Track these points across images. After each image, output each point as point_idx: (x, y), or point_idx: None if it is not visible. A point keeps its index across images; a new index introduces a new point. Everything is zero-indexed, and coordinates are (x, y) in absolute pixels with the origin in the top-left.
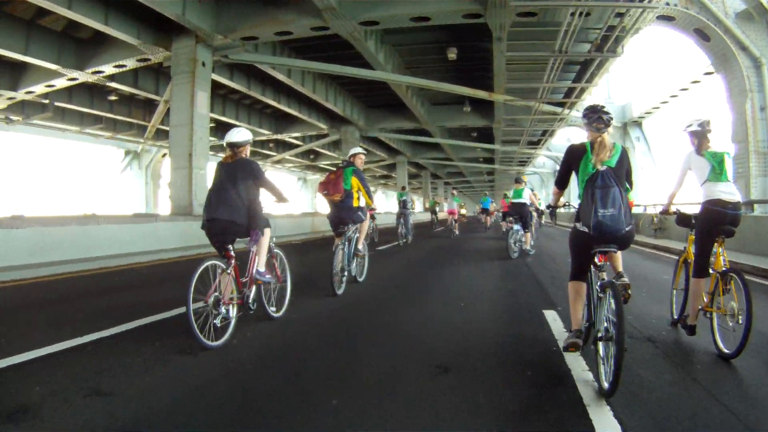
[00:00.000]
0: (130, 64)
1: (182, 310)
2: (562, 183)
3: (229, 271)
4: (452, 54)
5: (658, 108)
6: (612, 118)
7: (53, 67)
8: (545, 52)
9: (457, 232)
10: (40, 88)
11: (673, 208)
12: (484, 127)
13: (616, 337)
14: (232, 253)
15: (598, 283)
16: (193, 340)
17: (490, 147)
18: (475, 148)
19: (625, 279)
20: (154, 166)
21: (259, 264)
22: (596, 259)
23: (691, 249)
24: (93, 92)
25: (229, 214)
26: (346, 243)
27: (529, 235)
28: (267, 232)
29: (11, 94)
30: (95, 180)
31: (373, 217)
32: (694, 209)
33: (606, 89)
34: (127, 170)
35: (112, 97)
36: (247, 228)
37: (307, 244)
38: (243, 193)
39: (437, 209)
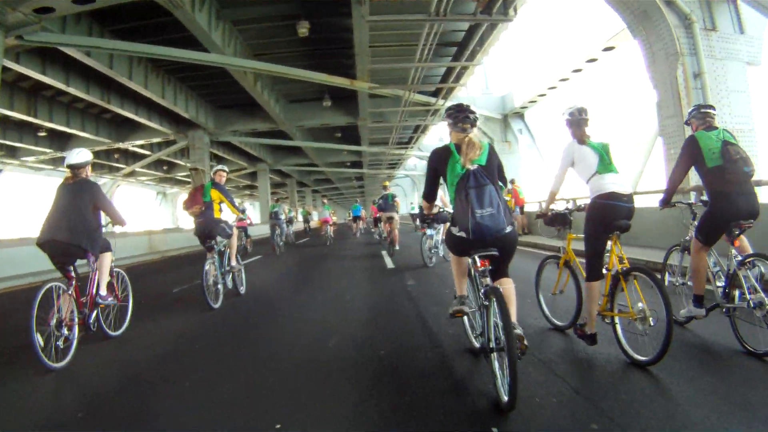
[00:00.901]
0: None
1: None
2: (431, 193)
3: (69, 292)
4: (303, 29)
5: (544, 95)
6: (477, 117)
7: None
8: (419, 15)
9: (332, 238)
10: None
11: (555, 207)
12: (348, 126)
13: (506, 345)
14: (73, 274)
15: (482, 290)
16: (38, 362)
17: (356, 149)
18: (341, 150)
19: (518, 331)
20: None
21: (100, 287)
22: (477, 264)
23: (571, 249)
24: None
25: (68, 235)
26: (217, 256)
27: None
28: (108, 256)
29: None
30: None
31: (246, 232)
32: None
33: (483, 79)
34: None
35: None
36: (85, 250)
37: (172, 260)
38: (82, 215)
39: (309, 218)
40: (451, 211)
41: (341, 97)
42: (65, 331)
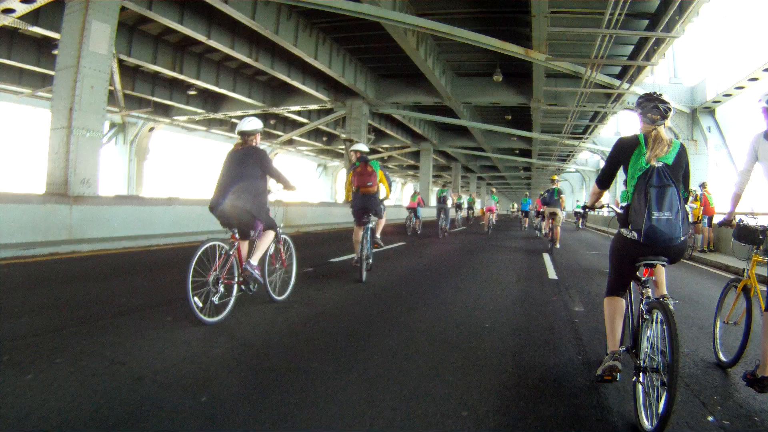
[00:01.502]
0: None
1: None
2: (605, 180)
3: (231, 253)
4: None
5: (742, 88)
6: (670, 109)
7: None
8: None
9: (493, 226)
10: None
11: (737, 218)
12: (519, 107)
13: (668, 368)
14: (238, 236)
15: (644, 302)
16: (192, 315)
17: (526, 134)
18: (510, 135)
19: (671, 302)
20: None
21: (253, 257)
22: (641, 273)
23: (755, 273)
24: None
25: (237, 200)
26: (368, 231)
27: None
28: (270, 234)
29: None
30: None
31: (416, 213)
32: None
33: (671, 66)
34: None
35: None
36: (253, 215)
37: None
38: (250, 181)
39: (473, 206)
40: (618, 210)
41: (514, 74)
42: (221, 289)
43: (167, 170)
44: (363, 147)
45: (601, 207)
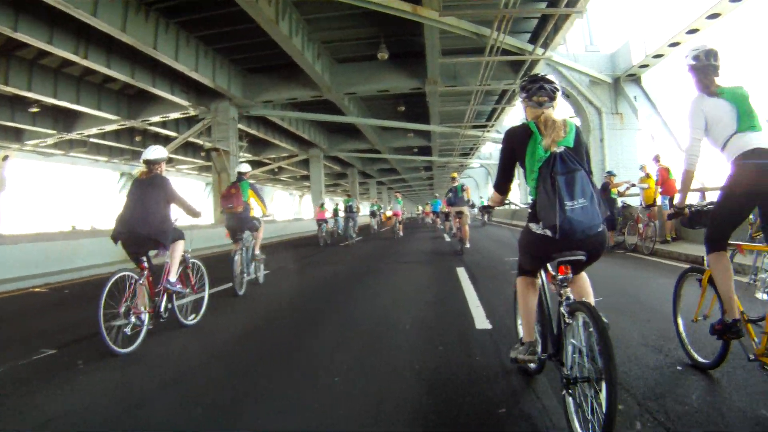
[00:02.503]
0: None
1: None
2: (504, 182)
3: (141, 282)
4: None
5: (677, 45)
6: (557, 89)
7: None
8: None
9: (401, 233)
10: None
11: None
12: (413, 94)
13: (604, 375)
14: (146, 264)
15: (564, 305)
16: (105, 347)
17: (424, 128)
18: (406, 131)
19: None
20: None
21: (170, 274)
22: (555, 271)
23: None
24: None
25: (142, 227)
26: (244, 249)
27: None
28: (180, 244)
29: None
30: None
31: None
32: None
33: (587, 33)
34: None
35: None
36: (158, 242)
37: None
38: (155, 208)
39: (378, 213)
40: (521, 204)
41: (404, 54)
42: (133, 319)
43: (31, 202)
44: (241, 168)
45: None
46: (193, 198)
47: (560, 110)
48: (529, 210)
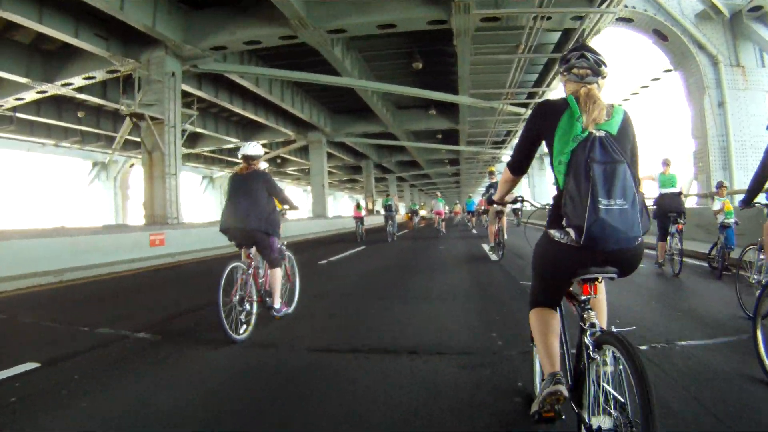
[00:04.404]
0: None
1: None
2: (522, 161)
3: (249, 272)
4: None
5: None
6: (603, 62)
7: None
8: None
9: (443, 231)
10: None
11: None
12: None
13: (643, 428)
14: (252, 255)
15: (588, 334)
16: (223, 333)
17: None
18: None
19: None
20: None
21: (275, 301)
22: (578, 290)
23: None
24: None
25: (251, 222)
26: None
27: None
28: (278, 271)
29: None
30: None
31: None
32: None
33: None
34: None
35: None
36: (267, 233)
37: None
38: (262, 202)
39: (415, 214)
40: (536, 204)
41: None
42: (247, 306)
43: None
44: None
45: (513, 201)
46: (188, 191)
47: (607, 92)
48: (549, 209)
